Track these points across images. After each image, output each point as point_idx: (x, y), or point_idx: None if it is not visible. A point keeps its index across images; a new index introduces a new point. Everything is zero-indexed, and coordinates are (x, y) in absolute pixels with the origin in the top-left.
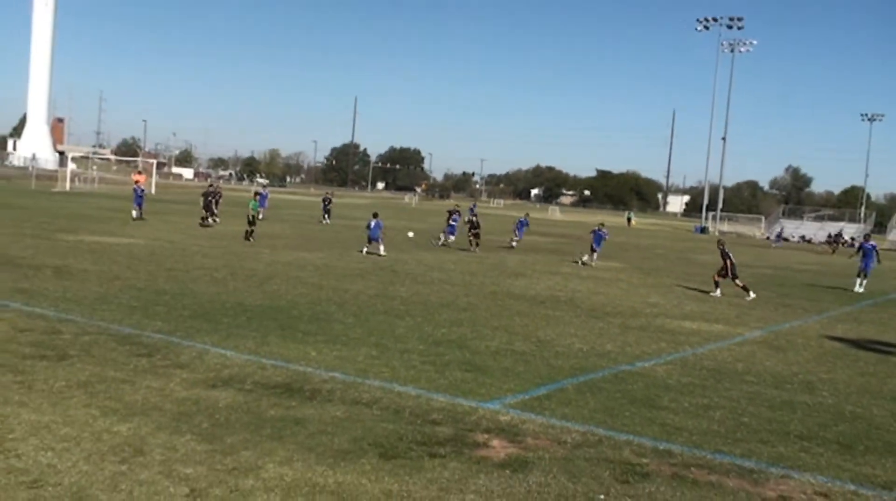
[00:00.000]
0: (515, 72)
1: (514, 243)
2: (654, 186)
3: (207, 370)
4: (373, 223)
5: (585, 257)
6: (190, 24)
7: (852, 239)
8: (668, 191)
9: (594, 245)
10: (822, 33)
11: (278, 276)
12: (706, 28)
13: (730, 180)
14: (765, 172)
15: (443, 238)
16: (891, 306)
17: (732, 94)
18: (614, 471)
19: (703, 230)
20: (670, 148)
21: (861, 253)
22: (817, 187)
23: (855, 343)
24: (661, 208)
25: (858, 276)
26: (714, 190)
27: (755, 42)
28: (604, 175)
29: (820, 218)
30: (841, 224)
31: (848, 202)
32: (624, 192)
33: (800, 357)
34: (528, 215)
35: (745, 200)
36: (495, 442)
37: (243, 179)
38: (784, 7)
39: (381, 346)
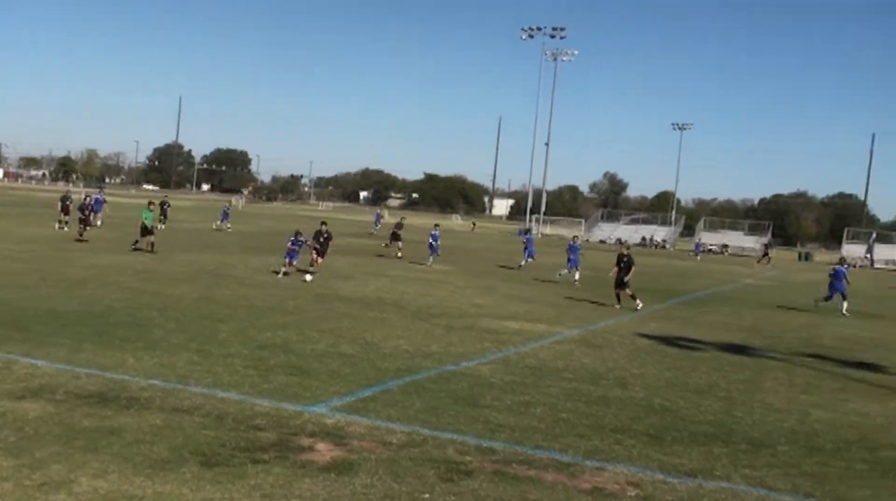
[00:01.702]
0: (344, 74)
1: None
2: (480, 190)
3: (15, 380)
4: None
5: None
6: None
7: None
8: (493, 194)
9: (525, 253)
10: (636, 45)
11: (95, 280)
12: (530, 37)
13: (552, 184)
14: (584, 176)
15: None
16: (695, 304)
17: (555, 101)
18: (438, 470)
19: (527, 233)
20: (496, 153)
21: (832, 277)
22: (633, 192)
23: (664, 340)
24: (487, 212)
25: (834, 299)
26: (537, 194)
27: (576, 52)
28: (431, 178)
29: (635, 221)
30: (653, 227)
31: (660, 206)
32: (451, 195)
33: (614, 354)
34: (437, 225)
35: (566, 203)
36: (320, 446)
37: (58, 179)
38: (604, 19)
39: (203, 351)
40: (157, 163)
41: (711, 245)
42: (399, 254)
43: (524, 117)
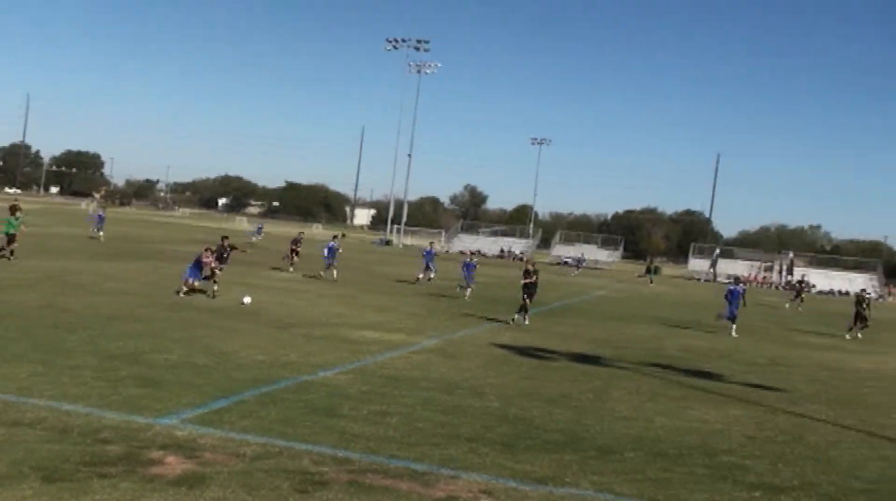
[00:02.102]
0: (204, 77)
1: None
2: (342, 199)
3: None
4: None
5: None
6: None
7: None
8: (355, 204)
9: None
10: (498, 60)
11: None
12: (395, 48)
13: (414, 195)
14: (446, 188)
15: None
16: (551, 315)
17: (418, 112)
18: (293, 481)
19: (387, 243)
20: (359, 162)
21: (730, 297)
22: (492, 204)
23: (519, 350)
24: (349, 221)
25: (728, 320)
26: (399, 204)
27: (439, 65)
28: (293, 187)
29: (494, 233)
30: (512, 239)
31: (519, 219)
32: (312, 204)
33: (470, 364)
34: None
35: (427, 214)
36: (170, 459)
37: None
38: (467, 33)
39: (47, 362)
40: (1, 163)
41: (567, 258)
42: (291, 269)
43: (387, 127)
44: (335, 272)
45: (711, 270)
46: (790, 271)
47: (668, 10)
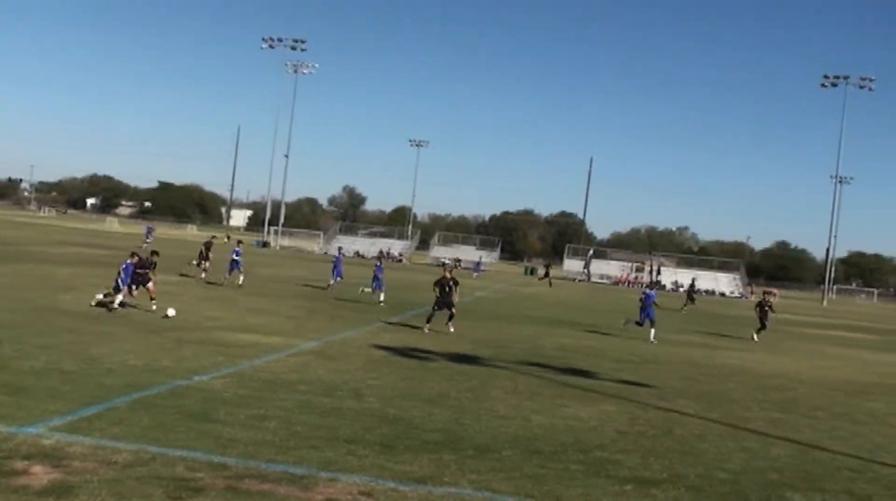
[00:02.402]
0: (71, 73)
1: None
2: (217, 200)
3: None
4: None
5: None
6: None
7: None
8: (231, 205)
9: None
10: (376, 61)
11: None
12: (271, 48)
13: (291, 196)
14: (324, 189)
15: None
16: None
17: (296, 113)
18: (167, 488)
19: (265, 245)
20: (234, 163)
21: (643, 301)
22: (371, 206)
23: (398, 351)
24: (225, 222)
25: (639, 325)
26: (276, 205)
27: (317, 65)
28: (166, 187)
29: (373, 235)
30: (391, 241)
31: (397, 220)
32: (187, 204)
33: (350, 366)
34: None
35: (305, 215)
36: (36, 469)
37: None
38: (345, 33)
39: None
40: None
41: (445, 259)
42: (203, 275)
43: (264, 128)
44: (241, 278)
45: (585, 270)
46: (659, 272)
47: (539, 13)
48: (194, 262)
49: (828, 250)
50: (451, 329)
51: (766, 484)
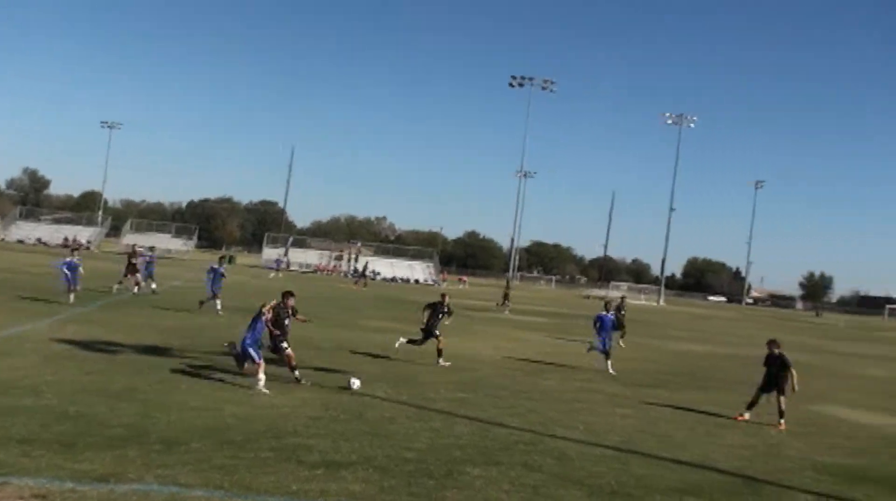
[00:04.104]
0: None
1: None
2: None
3: None
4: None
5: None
6: None
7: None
8: None
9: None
10: (65, 38)
11: None
12: None
13: None
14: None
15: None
16: (118, 306)
17: None
18: None
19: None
20: None
21: (597, 325)
22: (56, 190)
23: (83, 344)
24: None
25: (602, 353)
26: None
27: None
28: None
29: (57, 221)
30: (78, 227)
31: (87, 206)
32: None
33: (27, 361)
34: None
35: None
36: None
37: None
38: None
39: None
40: None
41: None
42: (137, 290)
43: None
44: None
45: (284, 258)
46: (357, 260)
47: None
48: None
49: (512, 240)
50: (445, 364)
51: (449, 461)
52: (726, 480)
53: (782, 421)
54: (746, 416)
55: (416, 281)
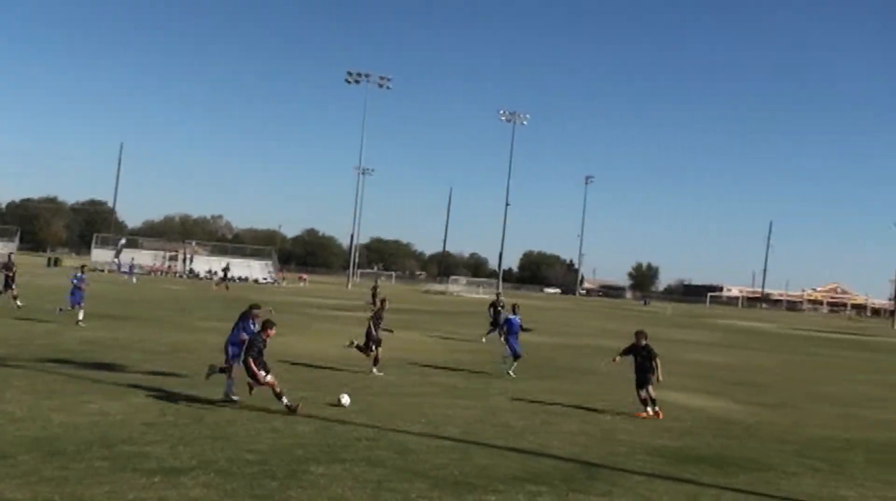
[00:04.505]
0: None
1: None
2: None
3: None
4: None
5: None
6: None
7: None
8: None
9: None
10: None
11: None
12: None
13: None
14: None
15: None
16: None
17: None
18: None
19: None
20: None
21: (505, 329)
22: None
23: None
24: None
25: (507, 361)
26: None
27: None
28: None
29: None
30: None
31: None
32: None
33: None
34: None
35: None
36: None
37: None
38: None
39: None
40: None
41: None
42: (19, 304)
43: None
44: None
45: (116, 260)
46: (192, 260)
47: None
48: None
49: (352, 237)
50: (378, 374)
51: (292, 460)
52: (564, 466)
53: (658, 409)
54: (643, 415)
55: (255, 280)
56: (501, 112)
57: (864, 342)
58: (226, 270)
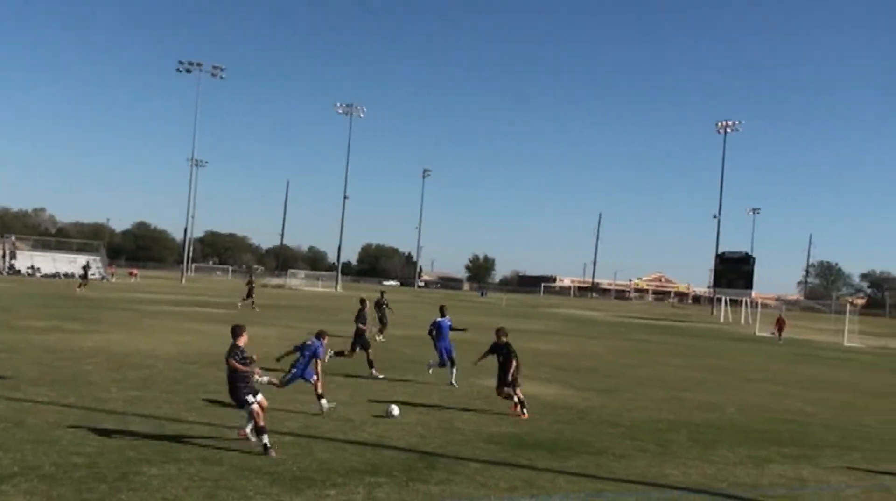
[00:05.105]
0: None
1: None
2: None
3: None
4: None
5: None
6: None
7: None
8: None
9: None
10: None
11: None
12: None
13: None
14: None
15: None
16: None
17: None
18: None
19: None
20: None
21: (433, 333)
22: None
23: None
24: None
25: (446, 365)
26: None
27: None
28: None
29: None
30: None
31: None
32: None
33: None
34: None
35: None
36: None
37: None
38: None
39: None
40: None
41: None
42: None
43: None
44: None
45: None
46: (14, 256)
47: None
48: None
49: (186, 230)
50: (379, 376)
51: (124, 462)
52: (403, 456)
53: (524, 411)
54: (525, 415)
55: (82, 276)
56: (337, 104)
57: (686, 328)
58: (86, 268)
